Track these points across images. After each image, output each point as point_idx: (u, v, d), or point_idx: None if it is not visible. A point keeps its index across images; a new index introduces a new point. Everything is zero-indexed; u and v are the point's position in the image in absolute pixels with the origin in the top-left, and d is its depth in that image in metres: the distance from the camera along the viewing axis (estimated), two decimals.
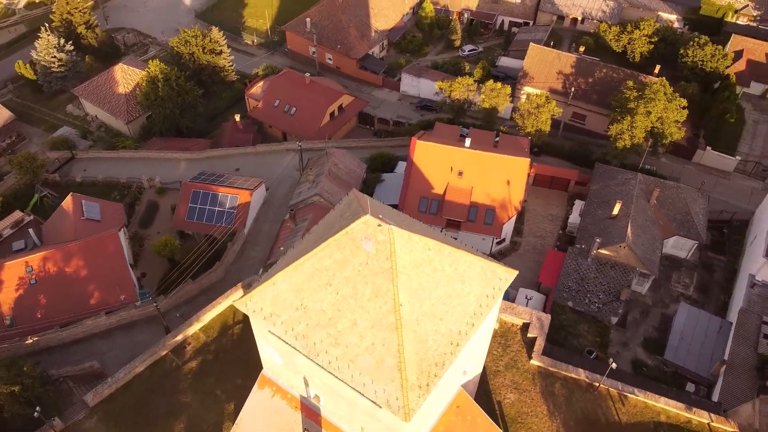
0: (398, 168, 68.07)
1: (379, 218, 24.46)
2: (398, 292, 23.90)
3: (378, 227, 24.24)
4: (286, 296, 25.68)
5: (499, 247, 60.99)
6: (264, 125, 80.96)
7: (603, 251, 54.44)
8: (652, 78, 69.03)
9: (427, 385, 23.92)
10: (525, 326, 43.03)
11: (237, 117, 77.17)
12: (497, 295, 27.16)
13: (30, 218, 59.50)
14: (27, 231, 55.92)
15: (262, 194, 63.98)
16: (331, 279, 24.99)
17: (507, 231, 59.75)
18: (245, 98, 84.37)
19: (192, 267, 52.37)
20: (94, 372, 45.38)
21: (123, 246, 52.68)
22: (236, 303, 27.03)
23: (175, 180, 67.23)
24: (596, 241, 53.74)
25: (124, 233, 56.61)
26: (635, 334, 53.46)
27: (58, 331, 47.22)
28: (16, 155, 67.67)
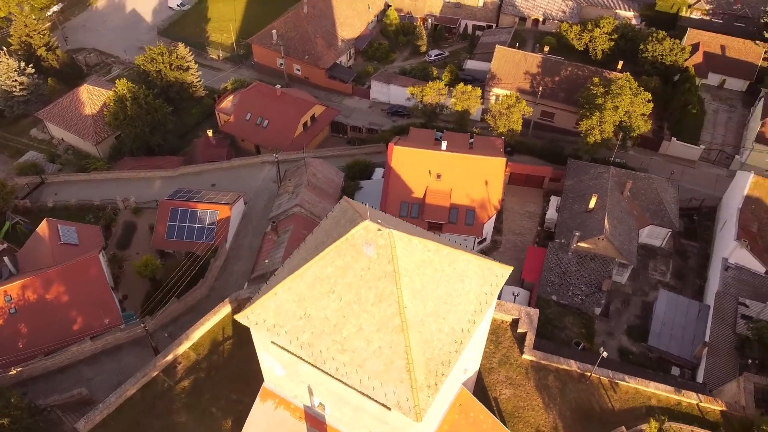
0: (375, 174, 68.53)
1: (379, 223, 24.78)
2: (402, 295, 24.22)
3: (378, 232, 24.55)
4: (289, 306, 25.75)
5: (481, 247, 61.84)
6: (236, 139, 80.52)
7: (582, 244, 55.69)
8: (617, 74, 71.08)
9: (435, 385, 24.28)
10: (514, 322, 43.73)
11: (210, 132, 76.61)
12: (495, 292, 27.72)
13: (4, 246, 57.99)
14: (2, 259, 54.45)
15: (241, 208, 63.64)
16: (334, 286, 25.17)
17: (487, 230, 60.67)
18: (215, 113, 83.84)
19: (177, 286, 51.74)
20: (83, 399, 44.43)
21: (104, 269, 51.79)
22: (237, 317, 26.96)
23: (151, 199, 66.36)
24: (575, 235, 54.96)
25: (103, 256, 55.62)
26: (619, 323, 54.79)
27: (43, 360, 46.10)
28: None
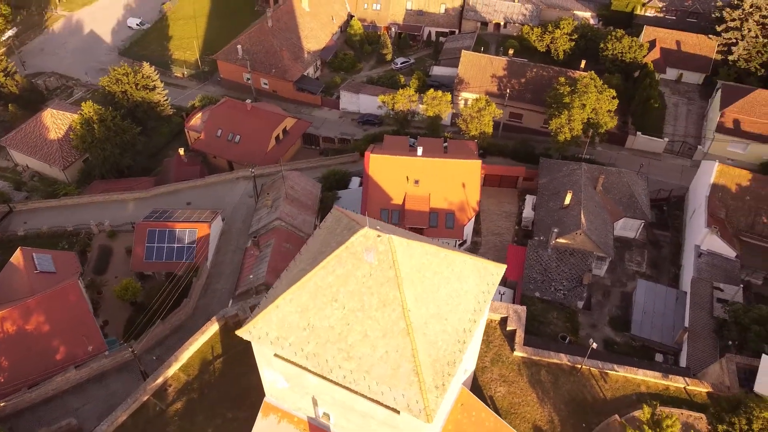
0: (352, 184, 68.80)
1: (377, 229, 25.08)
2: (405, 298, 24.53)
3: (377, 238, 24.85)
4: (292, 318, 25.80)
5: (461, 249, 62.50)
6: (208, 156, 79.84)
7: (561, 240, 56.89)
8: (582, 73, 73.03)
9: (443, 385, 24.62)
10: (503, 320, 44.44)
11: (181, 151, 75.79)
12: (492, 290, 28.26)
13: None
14: None
15: (220, 225, 63.11)
16: (336, 294, 25.33)
17: (467, 232, 61.48)
18: (185, 131, 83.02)
19: (162, 308, 51.02)
20: (72, 429, 43.40)
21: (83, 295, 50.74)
22: (239, 332, 26.86)
23: (125, 221, 65.30)
24: (554, 232, 56.13)
25: (81, 282, 54.43)
26: (601, 315, 56.07)
27: (27, 393, 44.77)
28: None
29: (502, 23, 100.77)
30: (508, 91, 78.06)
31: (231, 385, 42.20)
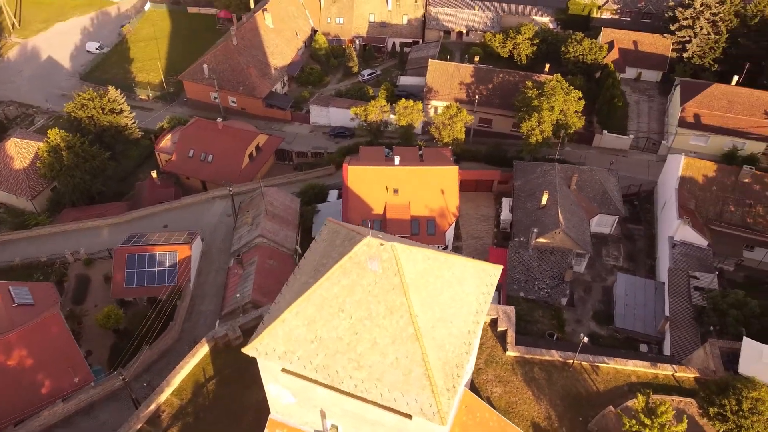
0: (330, 196, 68.93)
1: (379, 238, 25.41)
2: (412, 304, 24.87)
3: (381, 246, 25.17)
4: (299, 331, 25.85)
5: None
6: (181, 177, 78.91)
7: (541, 240, 58.04)
8: (547, 76, 74.85)
9: (454, 387, 25.00)
10: (493, 322, 45.08)
11: (154, 173, 74.74)
12: (491, 291, 28.84)
13: None
14: None
15: (200, 246, 62.41)
16: (343, 305, 25.51)
17: (449, 238, 62.16)
18: (155, 154, 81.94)
19: (149, 334, 50.19)
20: None
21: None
22: (245, 350, 26.74)
23: (102, 248, 63.97)
24: (534, 232, 57.25)
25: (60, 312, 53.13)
26: (585, 310, 57.31)
27: (14, 430, 43.41)
28: None
29: (465, 31, 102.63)
30: (477, 97, 79.45)
31: (227, 406, 41.69)
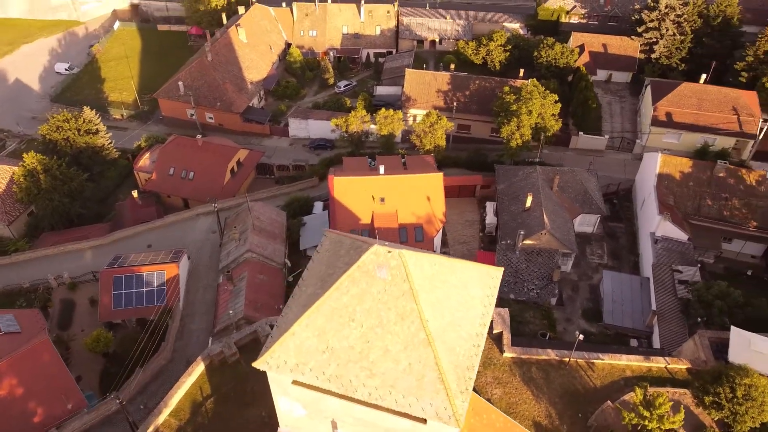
0: (316, 208, 68.97)
1: (386, 245, 25.71)
2: (422, 309, 25.18)
3: (389, 254, 25.46)
4: (310, 342, 25.92)
5: None
6: (162, 196, 78.06)
7: (527, 242, 58.95)
8: (523, 81, 76.29)
9: (467, 390, 25.33)
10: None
11: (134, 193, 73.82)
12: (494, 293, 29.29)
13: None
14: None
15: (186, 264, 61.77)
16: (353, 314, 25.69)
17: (437, 244, 62.68)
18: (134, 173, 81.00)
19: (142, 356, 49.49)
20: None
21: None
22: (256, 364, 26.67)
23: (86, 271, 62.89)
24: (520, 234, 58.13)
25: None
26: (574, 309, 58.32)
27: None
28: None
29: (438, 40, 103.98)
30: (455, 104, 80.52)
31: (226, 424, 41.37)
